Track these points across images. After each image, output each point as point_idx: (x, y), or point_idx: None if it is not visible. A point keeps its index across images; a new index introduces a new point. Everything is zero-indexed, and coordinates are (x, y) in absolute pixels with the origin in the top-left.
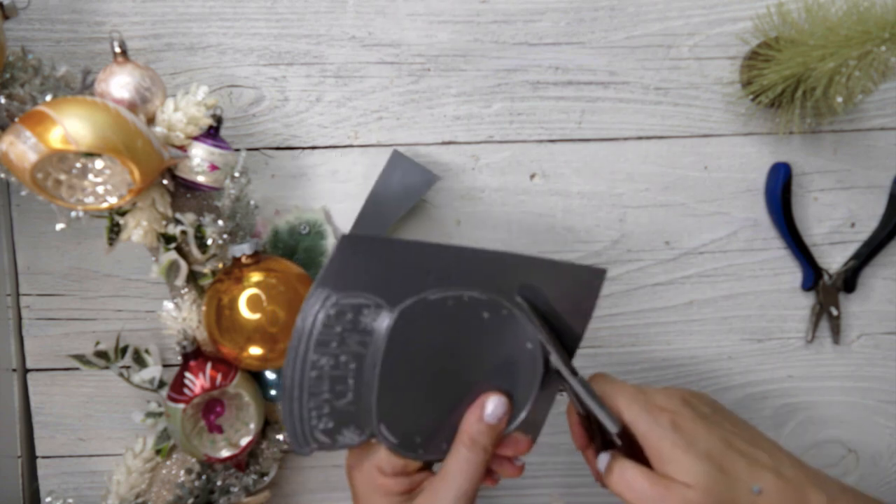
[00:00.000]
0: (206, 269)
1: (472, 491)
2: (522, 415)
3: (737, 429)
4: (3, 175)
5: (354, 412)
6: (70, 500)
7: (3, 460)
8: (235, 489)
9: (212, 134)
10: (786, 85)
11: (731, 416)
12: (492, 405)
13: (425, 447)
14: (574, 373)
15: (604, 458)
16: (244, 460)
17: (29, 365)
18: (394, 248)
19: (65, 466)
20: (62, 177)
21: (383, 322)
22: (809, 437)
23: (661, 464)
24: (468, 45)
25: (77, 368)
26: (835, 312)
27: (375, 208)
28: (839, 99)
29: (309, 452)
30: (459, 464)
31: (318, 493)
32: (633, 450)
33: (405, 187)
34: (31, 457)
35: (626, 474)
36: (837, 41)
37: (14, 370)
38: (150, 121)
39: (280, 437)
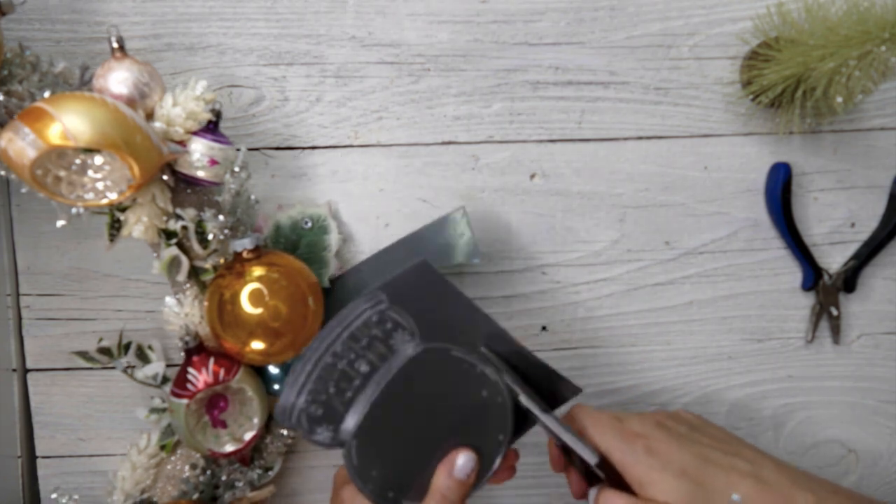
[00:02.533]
0: (208, 265)
1: None
2: (496, 464)
3: (715, 442)
4: (2, 172)
5: (341, 415)
6: (75, 497)
7: (3, 460)
8: (240, 484)
9: (211, 129)
10: (786, 85)
11: (710, 431)
12: (462, 460)
13: (374, 485)
14: (545, 410)
15: (592, 493)
16: (248, 455)
17: (29, 365)
18: (452, 296)
19: (65, 466)
20: (62, 173)
21: (407, 349)
22: (809, 437)
23: (641, 488)
24: (468, 45)
25: (77, 368)
26: (835, 312)
27: (406, 249)
28: (839, 99)
29: (285, 425)
30: None
31: (318, 493)
32: (616, 477)
33: (445, 246)
34: (31, 457)
35: (610, 501)
36: (837, 41)
37: (14, 370)
38: (149, 116)
39: (284, 431)
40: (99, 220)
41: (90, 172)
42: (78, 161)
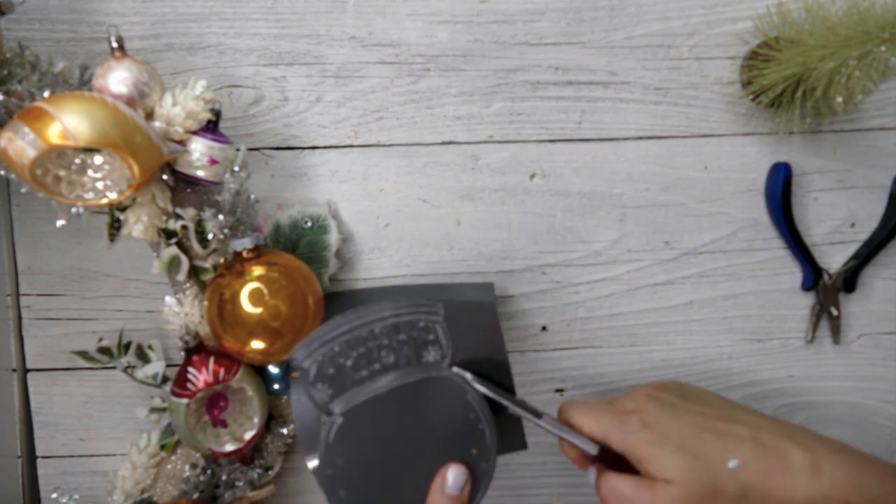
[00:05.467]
0: (208, 264)
1: None
2: (485, 485)
3: (709, 409)
4: (2, 172)
5: (345, 388)
6: (76, 497)
7: (3, 460)
8: (240, 483)
9: (210, 128)
10: (786, 85)
11: (702, 397)
12: (452, 476)
13: (334, 472)
14: (537, 414)
15: (591, 472)
16: (248, 454)
17: (29, 365)
18: (496, 347)
19: (65, 466)
20: (61, 173)
21: (431, 368)
22: None
23: (642, 465)
24: (468, 45)
25: (77, 368)
26: (835, 312)
27: (432, 293)
28: (839, 99)
29: (294, 363)
30: None
31: (318, 493)
32: (621, 460)
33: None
34: (31, 457)
35: (613, 485)
36: (837, 41)
37: (14, 370)
38: (149, 115)
39: (284, 430)
40: (99, 220)
41: (90, 172)
42: (78, 161)
